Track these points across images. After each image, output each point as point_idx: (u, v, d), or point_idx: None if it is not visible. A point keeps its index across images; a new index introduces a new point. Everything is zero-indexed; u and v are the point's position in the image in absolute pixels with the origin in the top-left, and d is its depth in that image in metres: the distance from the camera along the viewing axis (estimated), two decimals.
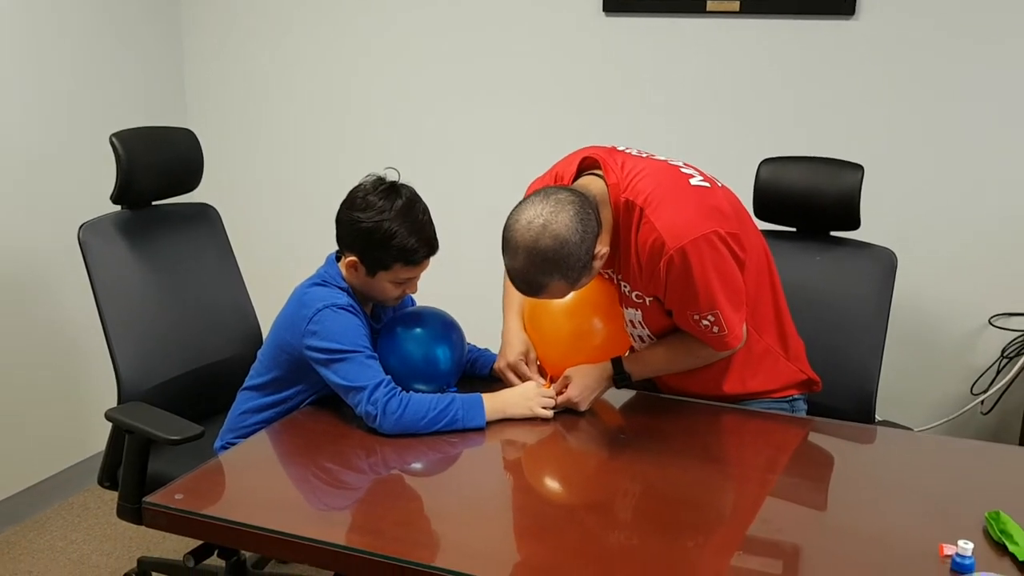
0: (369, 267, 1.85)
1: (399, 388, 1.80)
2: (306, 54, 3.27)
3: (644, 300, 1.86)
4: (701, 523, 1.54)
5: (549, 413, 1.86)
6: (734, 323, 1.82)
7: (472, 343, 2.11)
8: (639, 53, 2.87)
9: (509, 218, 1.72)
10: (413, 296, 2.04)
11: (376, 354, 1.85)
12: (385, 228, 1.80)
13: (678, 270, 1.73)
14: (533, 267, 1.68)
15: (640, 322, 1.93)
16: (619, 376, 1.91)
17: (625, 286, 1.89)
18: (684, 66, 2.83)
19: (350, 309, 1.85)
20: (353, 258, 1.86)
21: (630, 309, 1.93)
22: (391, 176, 1.88)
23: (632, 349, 2.00)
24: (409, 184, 1.89)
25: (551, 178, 1.93)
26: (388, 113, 3.21)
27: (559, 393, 1.89)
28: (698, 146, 2.84)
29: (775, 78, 2.74)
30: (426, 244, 1.85)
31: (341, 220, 1.88)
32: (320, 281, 1.91)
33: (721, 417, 1.93)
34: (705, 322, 1.80)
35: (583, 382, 1.89)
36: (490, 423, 1.82)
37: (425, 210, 1.88)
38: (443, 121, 3.14)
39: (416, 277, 1.90)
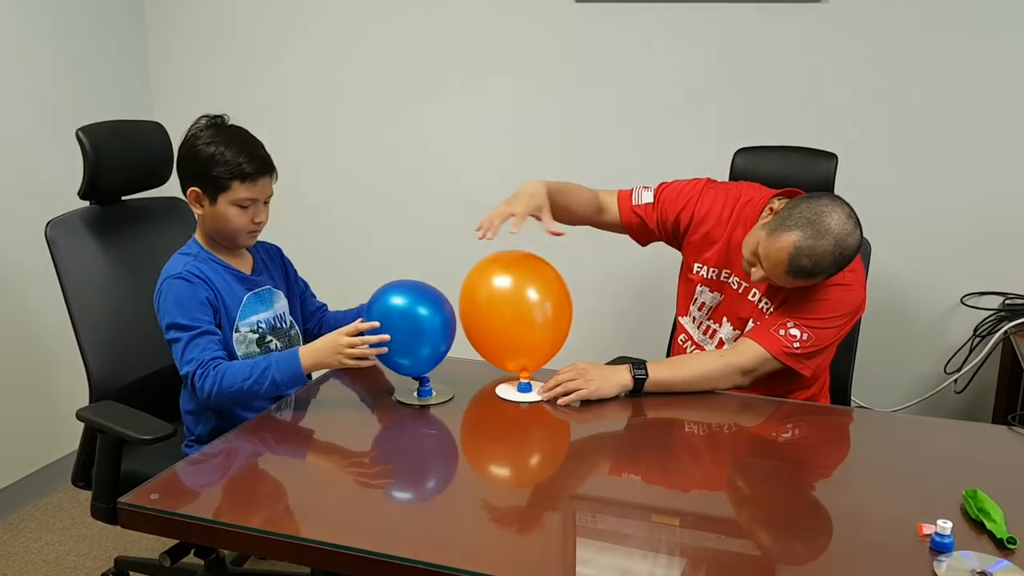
0: (210, 193, 1.89)
1: (217, 360, 1.82)
2: (274, 43, 3.23)
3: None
4: (679, 506, 1.54)
5: (354, 363, 1.82)
6: (810, 352, 1.92)
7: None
8: (609, 41, 2.85)
9: (813, 201, 1.86)
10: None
11: (203, 325, 1.85)
12: (215, 148, 1.88)
13: (832, 294, 1.92)
14: (832, 256, 1.82)
15: None
16: (637, 383, 1.89)
17: (766, 303, 2.03)
18: (654, 53, 2.82)
19: (185, 276, 1.88)
20: (195, 188, 1.91)
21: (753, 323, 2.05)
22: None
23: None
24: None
25: (733, 193, 2.11)
26: (359, 102, 3.18)
27: (558, 383, 1.87)
28: (670, 136, 2.84)
29: (746, 65, 2.74)
30: (259, 160, 1.91)
31: (179, 159, 1.95)
32: (178, 253, 1.97)
33: (697, 400, 1.93)
34: (795, 331, 1.90)
35: (601, 377, 1.88)
36: (452, 410, 1.84)
37: (256, 139, 1.95)
38: (413, 112, 3.12)
39: (259, 200, 1.93)
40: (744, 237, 1.99)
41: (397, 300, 1.86)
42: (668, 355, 2.28)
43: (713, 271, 2.11)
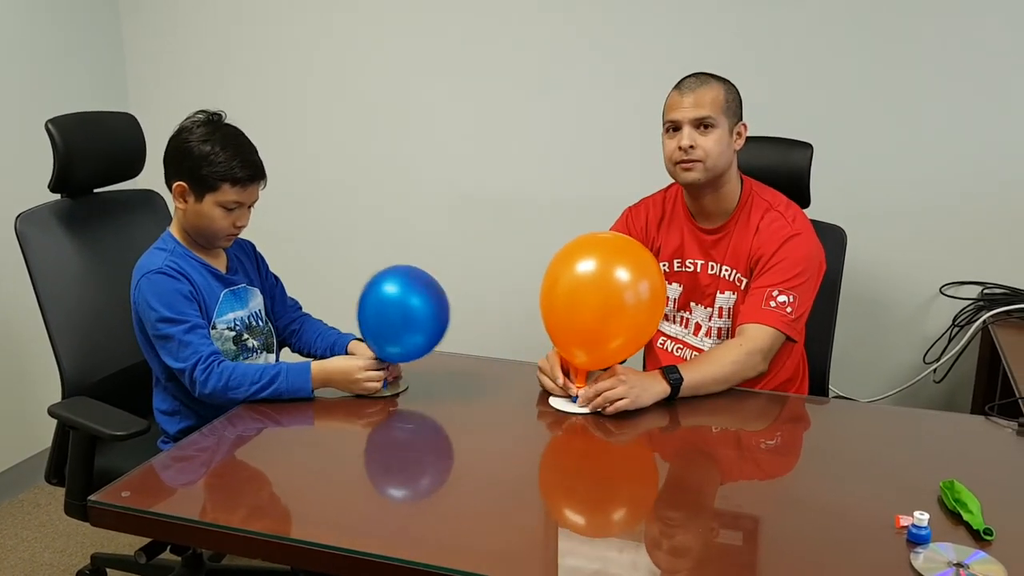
0: (197, 190, 1.87)
1: (219, 358, 1.82)
2: (252, 32, 3.19)
3: (742, 283, 2.04)
4: (656, 499, 1.53)
5: (374, 387, 1.86)
6: (800, 315, 1.96)
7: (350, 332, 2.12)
8: (586, 35, 2.85)
9: None
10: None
11: (192, 319, 1.84)
12: (210, 147, 1.86)
13: (792, 246, 1.98)
14: (717, 77, 2.01)
15: (729, 309, 2.07)
16: (673, 387, 1.84)
17: (727, 270, 2.06)
18: (630, 47, 2.81)
19: (165, 271, 1.86)
20: (182, 183, 1.88)
21: (725, 293, 2.07)
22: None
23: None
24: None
25: (658, 196, 2.22)
26: (340, 94, 3.15)
27: (598, 391, 1.81)
28: (647, 128, 2.82)
29: (721, 55, 2.72)
30: (252, 166, 1.90)
31: (168, 151, 1.91)
32: (153, 248, 1.94)
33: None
34: (783, 297, 1.94)
35: (640, 385, 1.81)
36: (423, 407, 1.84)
37: (251, 143, 1.93)
38: (399, 107, 3.09)
39: (245, 204, 1.91)
40: (680, 221, 2.12)
41: (390, 288, 1.86)
42: (644, 360, 2.27)
43: (664, 264, 2.14)
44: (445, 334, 1.90)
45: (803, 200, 2.22)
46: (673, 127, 2.00)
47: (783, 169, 2.23)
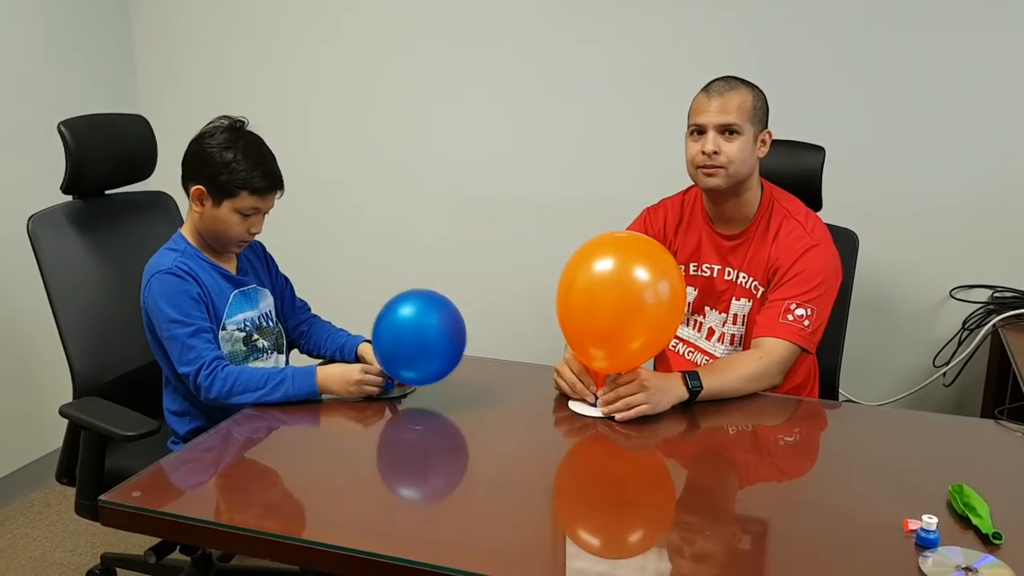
0: (216, 194, 1.88)
1: (222, 363, 1.83)
2: (262, 33, 3.20)
3: (758, 291, 2.04)
4: (661, 501, 1.53)
5: (372, 391, 1.87)
6: (817, 327, 1.96)
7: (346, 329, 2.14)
8: (595, 35, 2.84)
9: None
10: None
11: (198, 322, 1.85)
12: (233, 154, 1.88)
13: (811, 258, 1.98)
14: (746, 83, 2.01)
15: (744, 316, 2.07)
16: (692, 394, 1.83)
17: (744, 277, 2.06)
18: (640, 48, 2.81)
19: (175, 271, 1.87)
20: (200, 187, 1.89)
21: (741, 300, 2.07)
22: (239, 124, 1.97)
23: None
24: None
25: (676, 198, 2.20)
26: (342, 95, 3.16)
27: (619, 395, 1.79)
28: (658, 130, 2.83)
29: (734, 58, 2.71)
30: (272, 175, 1.92)
31: (189, 154, 1.92)
32: (164, 248, 1.95)
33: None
34: (800, 311, 1.93)
35: (661, 390, 1.80)
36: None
37: (271, 152, 1.95)
38: (402, 103, 3.10)
39: (261, 212, 1.93)
40: (699, 224, 2.11)
41: (406, 311, 1.85)
42: (655, 362, 2.27)
43: (681, 267, 2.11)
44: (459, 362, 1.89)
45: (815, 204, 2.22)
46: (698, 130, 1.99)
47: (795, 172, 2.23)
